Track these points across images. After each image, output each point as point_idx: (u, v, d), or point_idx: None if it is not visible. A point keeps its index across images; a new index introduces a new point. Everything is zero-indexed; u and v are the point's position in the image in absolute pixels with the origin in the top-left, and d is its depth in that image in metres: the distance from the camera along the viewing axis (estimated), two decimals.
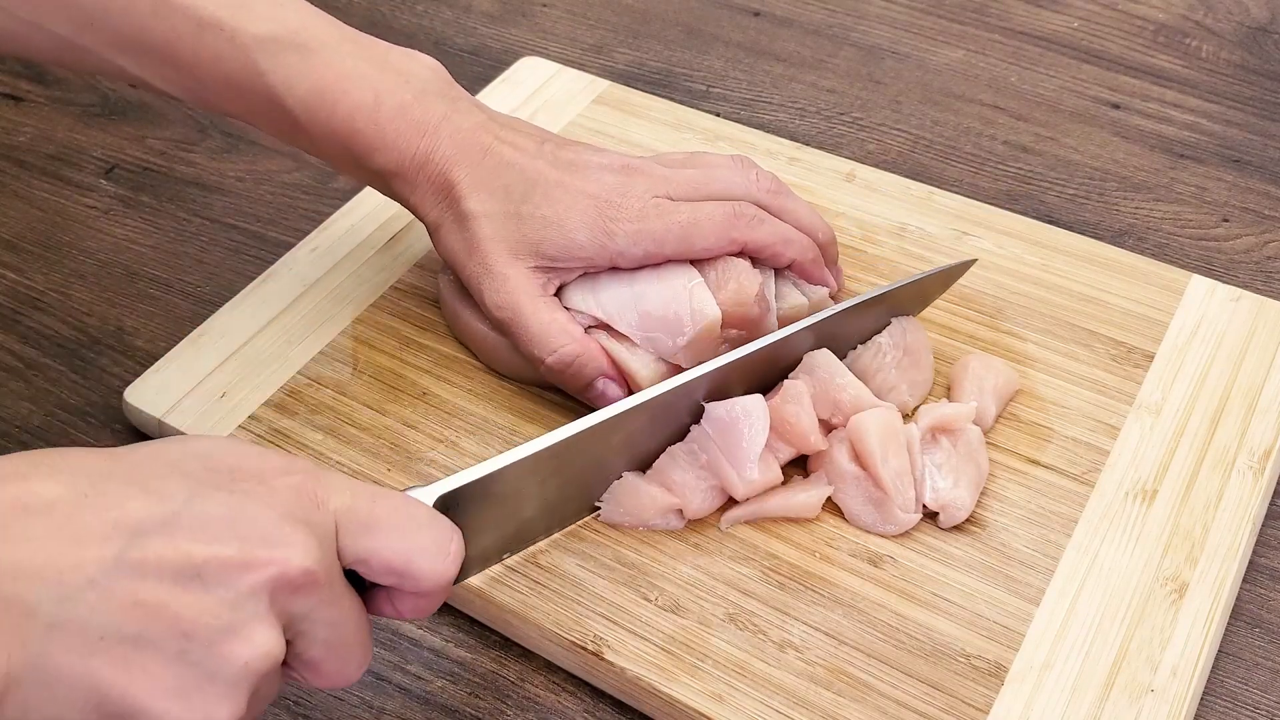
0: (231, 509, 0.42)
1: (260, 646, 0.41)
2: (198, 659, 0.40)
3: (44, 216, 0.81)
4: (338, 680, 0.46)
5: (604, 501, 0.60)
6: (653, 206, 0.62)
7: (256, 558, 0.41)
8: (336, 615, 0.44)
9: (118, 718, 0.39)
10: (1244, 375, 0.65)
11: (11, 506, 0.39)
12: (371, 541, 0.45)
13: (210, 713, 0.40)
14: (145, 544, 0.40)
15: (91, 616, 0.38)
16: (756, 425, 0.59)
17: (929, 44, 0.92)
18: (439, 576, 0.46)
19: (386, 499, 0.46)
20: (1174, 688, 0.54)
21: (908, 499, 0.59)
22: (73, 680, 0.38)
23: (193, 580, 0.40)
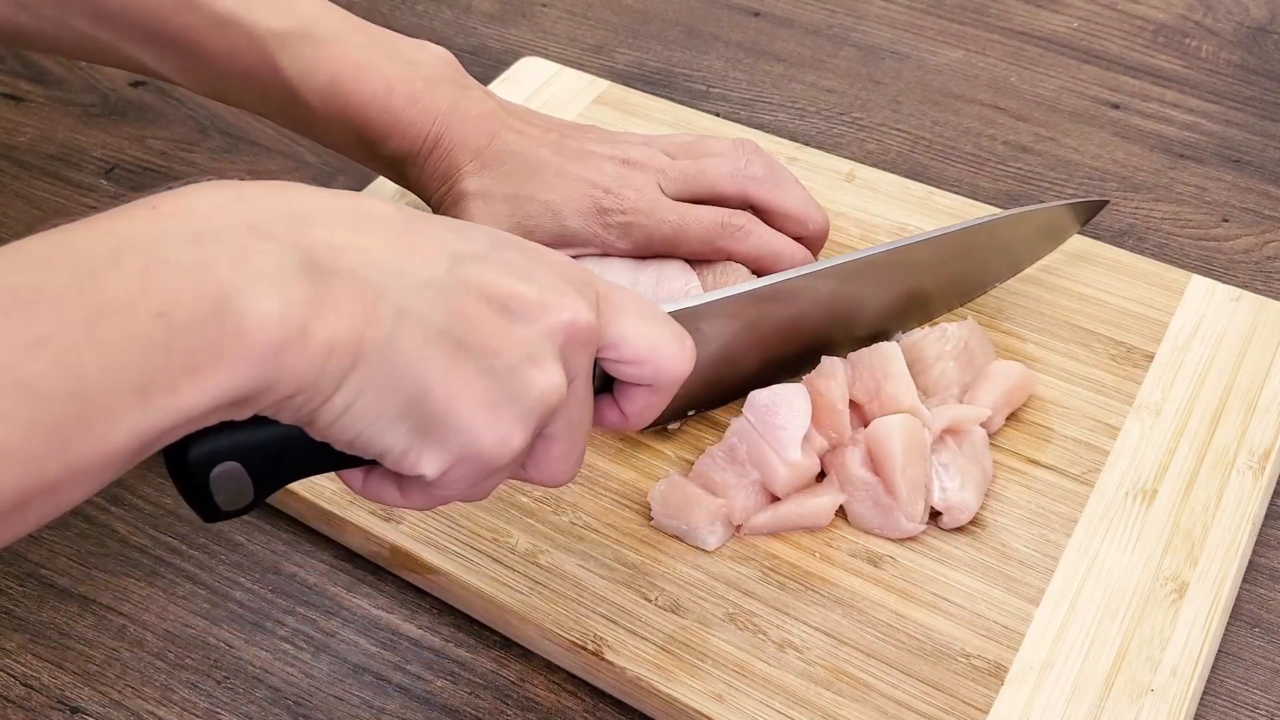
0: (529, 260, 0.45)
1: (552, 379, 0.43)
2: (503, 378, 0.42)
3: (44, 216, 0.81)
4: (560, 471, 0.48)
5: (654, 505, 0.60)
6: (647, 202, 0.63)
7: (553, 303, 0.44)
8: (584, 400, 0.47)
9: (433, 419, 0.42)
10: (1244, 375, 0.65)
11: (355, 211, 0.42)
12: (623, 327, 0.47)
13: (509, 432, 0.43)
14: (466, 267, 0.43)
15: (429, 311, 0.41)
16: (798, 410, 0.59)
17: (929, 44, 0.92)
18: (679, 367, 0.48)
19: (632, 294, 0.49)
20: (1174, 688, 0.54)
21: (916, 509, 0.59)
22: (409, 365, 0.41)
23: (502, 310, 0.43)
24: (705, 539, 0.59)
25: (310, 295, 0.38)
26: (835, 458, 0.60)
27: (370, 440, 0.42)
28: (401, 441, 0.42)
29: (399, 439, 0.42)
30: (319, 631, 0.60)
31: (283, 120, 0.66)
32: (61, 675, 0.59)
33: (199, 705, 0.57)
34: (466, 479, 0.44)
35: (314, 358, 0.39)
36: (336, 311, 0.39)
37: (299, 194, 0.41)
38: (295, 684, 0.58)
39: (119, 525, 0.64)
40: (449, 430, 0.42)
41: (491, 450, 0.43)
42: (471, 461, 0.43)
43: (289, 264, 0.38)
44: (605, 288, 0.47)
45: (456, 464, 0.43)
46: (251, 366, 0.37)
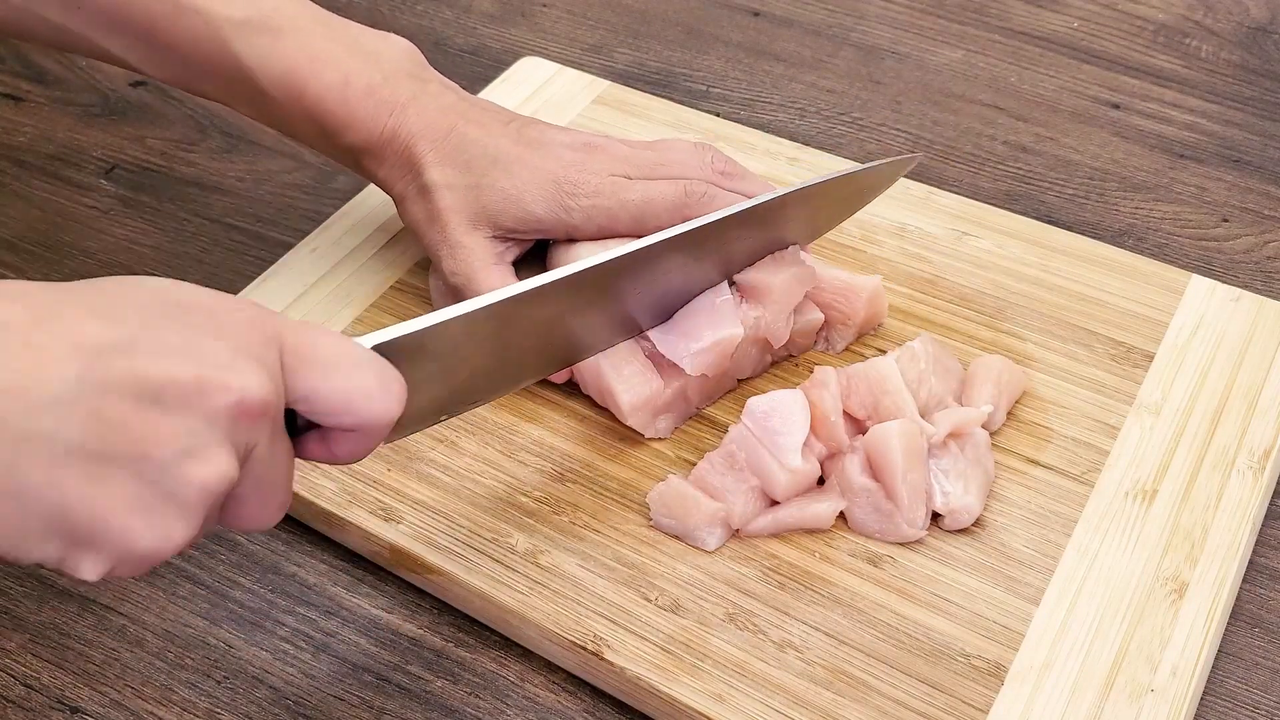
0: (187, 338, 0.42)
1: (217, 469, 0.41)
2: (157, 478, 0.40)
3: (44, 216, 0.81)
4: (258, 521, 0.46)
5: (653, 507, 0.60)
6: (609, 184, 0.64)
7: (214, 383, 0.41)
8: (274, 453, 0.44)
9: (81, 534, 0.40)
10: (1244, 375, 0.65)
11: None
12: (316, 379, 0.45)
13: (169, 531, 0.41)
14: (106, 364, 0.40)
15: (57, 430, 0.39)
16: (797, 416, 0.59)
17: (929, 44, 0.92)
18: (382, 415, 0.46)
19: (330, 337, 0.46)
20: (1174, 688, 0.54)
21: (917, 515, 0.59)
22: (40, 493, 0.39)
23: (152, 403, 0.40)
24: (705, 540, 0.59)
25: None
26: (835, 464, 0.60)
27: (21, 556, 0.41)
28: (54, 554, 0.41)
29: (50, 553, 0.41)
30: (319, 631, 0.60)
31: (249, 111, 0.66)
32: (61, 675, 0.59)
33: (199, 705, 0.57)
34: (135, 571, 0.42)
35: None
36: None
37: None
38: (295, 684, 0.58)
39: None
40: (100, 541, 0.41)
41: (151, 551, 0.41)
42: (134, 560, 0.41)
43: None
44: (296, 339, 0.45)
45: (119, 564, 0.41)
46: None
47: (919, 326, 0.68)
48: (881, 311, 0.68)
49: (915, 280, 0.71)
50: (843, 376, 0.61)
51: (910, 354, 0.62)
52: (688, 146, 0.67)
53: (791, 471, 0.59)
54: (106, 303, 0.42)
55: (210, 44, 0.63)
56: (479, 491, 0.62)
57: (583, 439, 0.64)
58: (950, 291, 0.70)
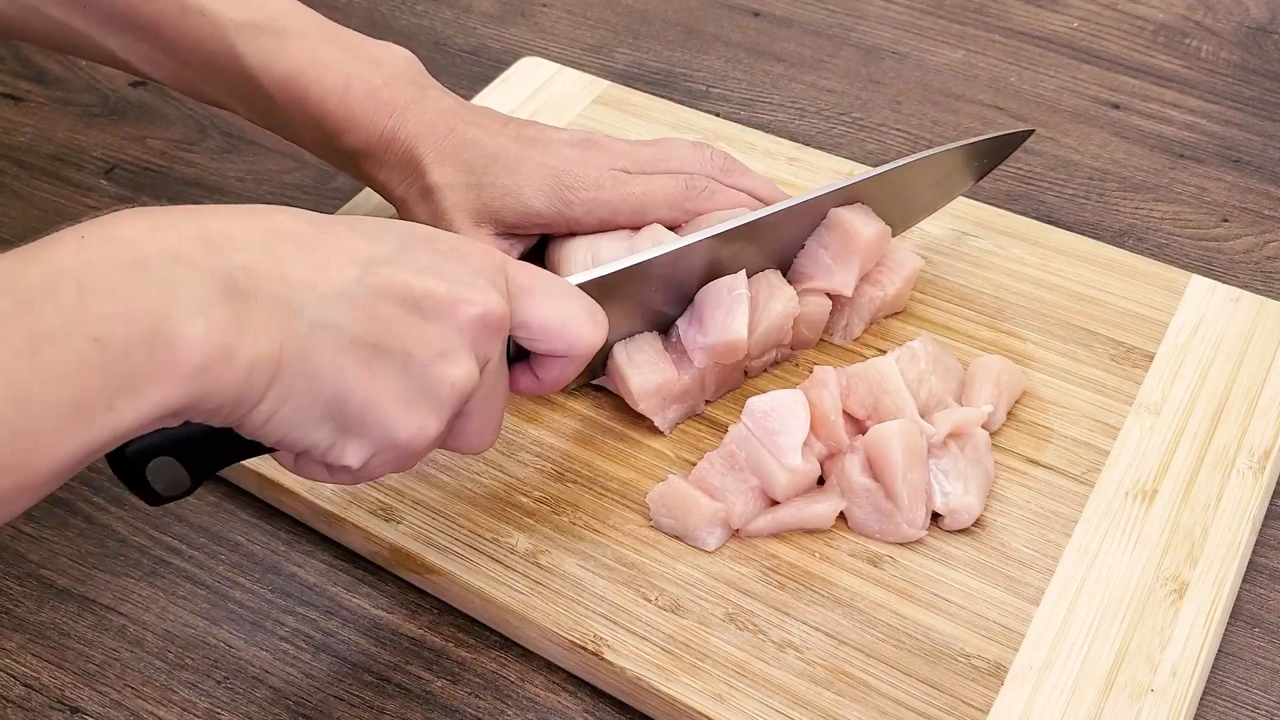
0: (437, 260, 0.48)
1: (464, 371, 0.47)
2: (416, 375, 0.46)
3: (44, 216, 0.81)
4: (477, 443, 0.52)
5: (653, 507, 0.60)
6: (609, 178, 0.64)
7: (463, 297, 0.47)
8: (497, 378, 0.51)
9: (353, 418, 0.45)
10: (1244, 375, 0.65)
11: (266, 231, 0.44)
12: (536, 306, 0.51)
13: (424, 423, 0.47)
14: (376, 272, 0.45)
15: (342, 321, 0.44)
16: (797, 416, 0.59)
17: (929, 44, 0.92)
18: (591, 338, 0.52)
19: (543, 273, 0.53)
20: (1174, 688, 0.54)
21: (917, 515, 0.59)
22: (327, 373, 0.44)
23: (414, 310, 0.46)
24: (705, 540, 0.59)
25: (231, 318, 0.41)
26: (835, 464, 0.60)
27: (296, 440, 0.45)
28: (325, 439, 0.46)
29: (323, 437, 0.46)
30: (319, 631, 0.60)
31: (248, 113, 0.67)
32: (61, 675, 0.59)
33: (199, 705, 0.57)
34: (389, 464, 0.48)
35: (237, 375, 0.42)
36: (255, 332, 0.42)
37: (214, 218, 0.44)
38: (295, 684, 0.58)
39: (119, 525, 0.64)
40: (368, 426, 0.46)
41: (409, 440, 0.47)
42: (391, 450, 0.47)
43: (210, 289, 0.41)
44: (517, 271, 0.51)
45: (378, 453, 0.47)
46: (181, 386, 0.40)
47: (919, 326, 0.68)
48: (906, 296, 0.69)
49: (915, 280, 0.71)
50: (843, 376, 0.61)
51: (910, 354, 0.62)
52: (687, 144, 0.67)
53: (791, 471, 0.59)
54: (370, 228, 0.48)
55: (214, 45, 0.63)
56: (479, 491, 0.62)
57: (583, 439, 0.64)
58: (950, 291, 0.70)
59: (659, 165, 0.66)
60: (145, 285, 0.40)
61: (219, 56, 0.64)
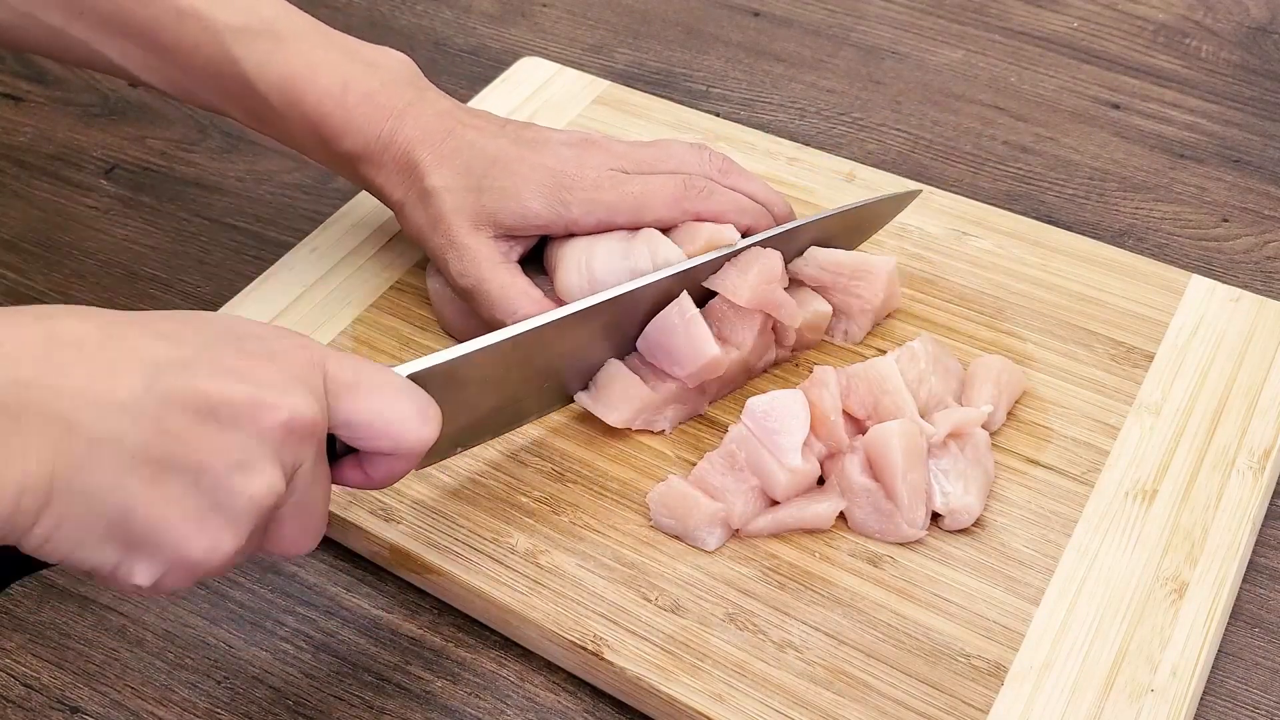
0: (241, 361, 0.45)
1: (267, 483, 0.44)
2: (210, 489, 0.43)
3: (44, 216, 0.81)
4: (296, 544, 0.48)
5: (653, 507, 0.60)
6: (607, 178, 0.64)
7: (266, 402, 0.44)
8: (316, 475, 0.47)
9: (139, 538, 0.43)
10: (1244, 375, 0.65)
11: (45, 339, 0.42)
12: (358, 404, 0.48)
13: (219, 540, 0.44)
14: (168, 379, 0.43)
15: (125, 435, 0.41)
16: (797, 416, 0.59)
17: (929, 44, 0.92)
18: (420, 439, 0.49)
19: (370, 366, 0.49)
20: (1174, 688, 0.54)
21: (917, 515, 0.59)
22: (106, 494, 0.41)
23: (209, 418, 0.43)
24: (705, 540, 0.59)
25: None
26: (835, 464, 0.60)
27: (79, 560, 0.43)
28: (110, 558, 0.43)
29: (107, 557, 0.43)
30: (319, 631, 0.60)
31: (245, 118, 0.67)
32: (61, 675, 0.59)
33: (199, 705, 0.57)
34: (184, 581, 0.45)
35: (3, 501, 0.39)
36: (24, 454, 0.40)
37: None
38: (295, 684, 0.58)
39: None
40: (157, 545, 0.43)
41: (202, 558, 0.44)
42: (184, 567, 0.44)
43: None
44: (337, 368, 0.48)
45: (170, 571, 0.44)
46: None
47: (919, 326, 0.68)
48: (897, 295, 0.68)
49: (915, 280, 0.71)
50: (842, 376, 0.61)
51: (910, 354, 0.62)
52: (685, 145, 0.67)
53: (791, 471, 0.59)
54: (169, 328, 0.45)
55: (210, 49, 0.63)
56: (479, 491, 0.62)
57: (583, 439, 0.64)
58: (950, 291, 0.70)
59: (658, 166, 0.66)
60: None
61: (215, 61, 0.64)
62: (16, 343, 0.41)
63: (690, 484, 0.60)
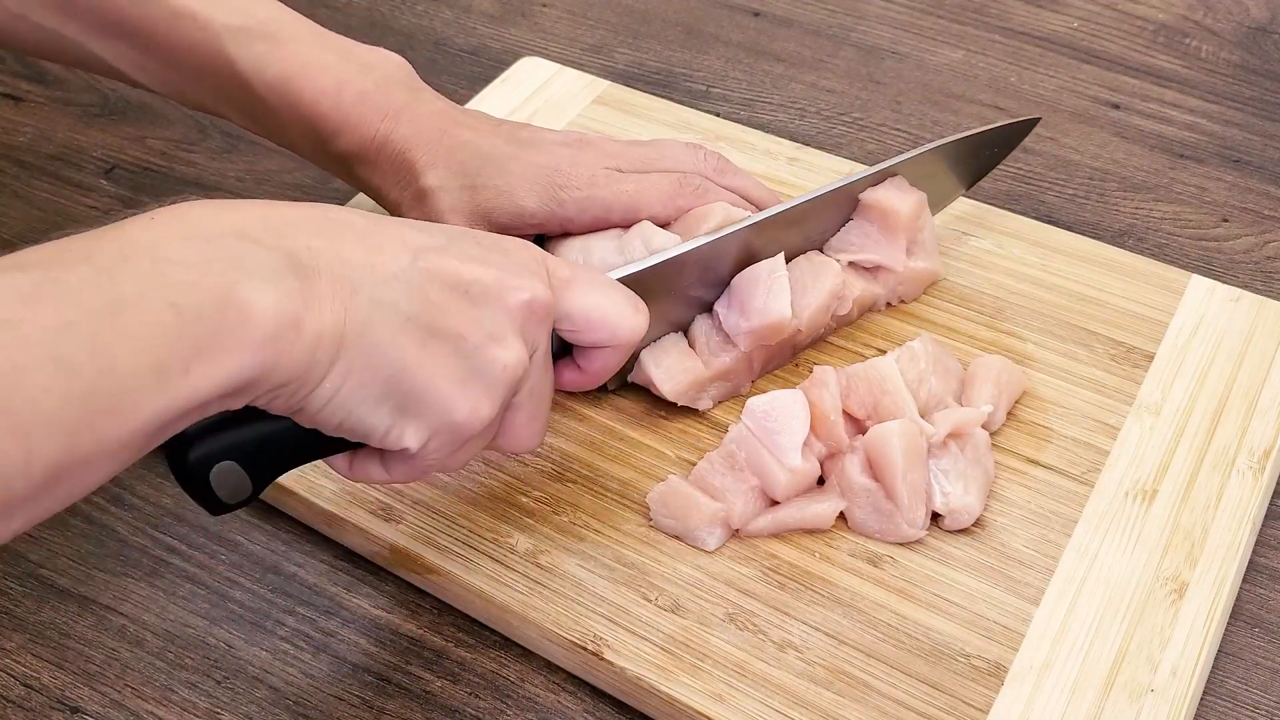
0: (483, 250, 0.50)
1: (514, 354, 0.49)
2: (469, 356, 0.48)
3: (44, 216, 0.81)
4: (526, 438, 0.53)
5: (653, 507, 0.60)
6: (602, 176, 0.64)
7: (510, 284, 0.49)
8: (544, 369, 0.52)
9: (410, 398, 0.47)
10: (1244, 375, 0.65)
11: (324, 219, 0.46)
12: (578, 297, 0.52)
13: (478, 403, 0.48)
14: (427, 259, 0.47)
15: (398, 301, 0.46)
16: (797, 416, 0.59)
17: (929, 44, 0.92)
18: (634, 326, 0.54)
19: (581, 267, 0.54)
20: (1174, 688, 0.54)
21: (917, 515, 0.59)
22: (386, 350, 0.46)
23: (464, 295, 0.48)
24: (705, 540, 0.59)
25: (298, 290, 0.43)
26: (835, 464, 0.60)
27: (356, 423, 0.47)
28: (384, 420, 0.47)
29: (381, 419, 0.47)
30: (319, 631, 0.60)
31: (240, 118, 0.67)
32: (61, 675, 0.59)
33: (199, 705, 0.57)
34: (444, 448, 0.49)
35: (305, 346, 0.43)
36: (321, 305, 0.44)
37: (276, 207, 0.46)
38: (295, 684, 0.58)
39: (119, 525, 0.64)
40: (426, 406, 0.47)
41: (465, 421, 0.48)
42: (448, 432, 0.48)
43: (278, 263, 0.43)
44: (558, 265, 0.52)
45: (434, 435, 0.48)
46: (253, 353, 0.42)
47: (919, 326, 0.68)
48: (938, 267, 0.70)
49: None
50: (843, 376, 0.61)
51: (910, 354, 0.62)
52: (680, 144, 0.68)
53: (791, 471, 0.59)
54: (417, 224, 0.50)
55: (205, 49, 0.64)
56: (479, 491, 0.62)
57: (583, 439, 0.64)
58: (950, 291, 0.70)
59: (653, 164, 0.66)
60: (216, 258, 0.42)
61: (211, 61, 0.64)
62: (302, 219, 0.46)
63: (690, 484, 0.60)
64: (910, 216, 0.66)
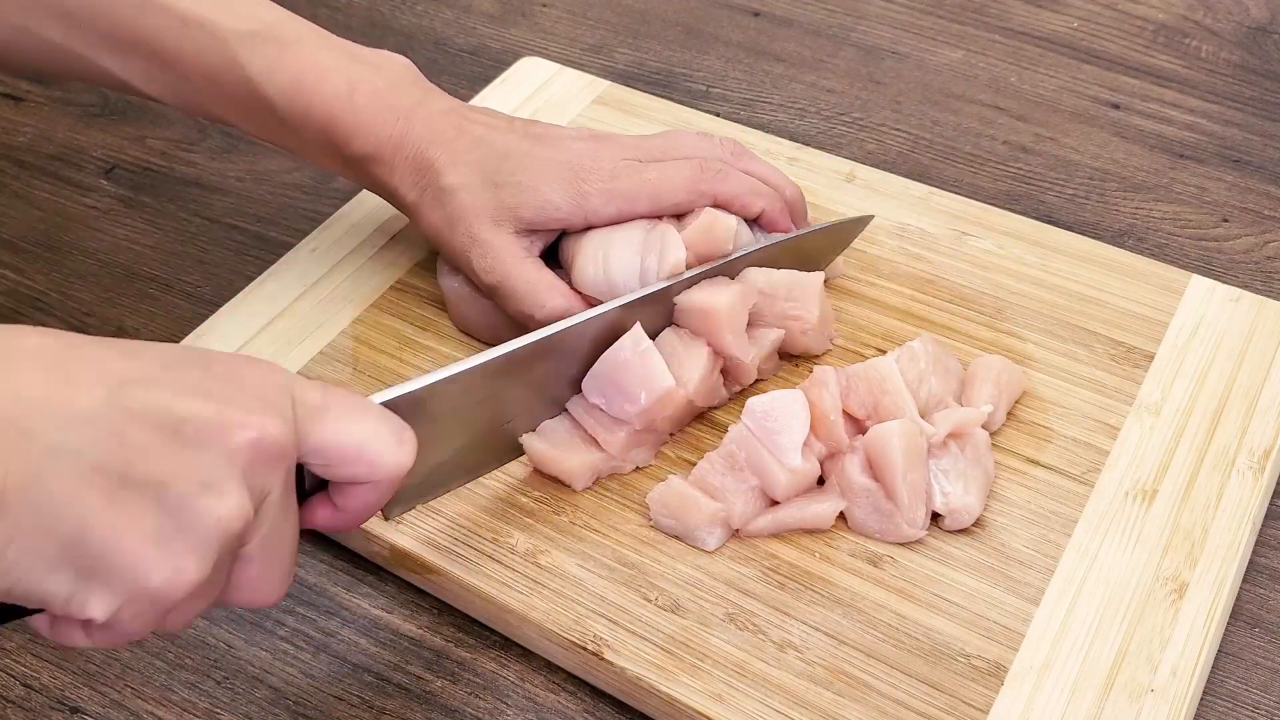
0: (207, 380, 0.43)
1: (232, 504, 0.41)
2: (173, 509, 0.40)
3: (44, 216, 0.81)
4: (262, 595, 0.45)
5: (653, 507, 0.60)
6: (623, 167, 0.64)
7: (235, 421, 0.42)
8: (281, 515, 0.44)
9: (94, 561, 0.40)
10: (1244, 375, 0.65)
11: (3, 349, 0.40)
12: (329, 428, 0.45)
13: (181, 565, 0.40)
14: (131, 393, 0.40)
15: (84, 446, 0.39)
16: (798, 416, 0.59)
17: (929, 44, 0.92)
18: (397, 460, 0.47)
19: (338, 391, 0.46)
20: (1174, 688, 0.54)
21: (917, 515, 0.59)
22: (62, 506, 0.39)
23: (174, 435, 0.41)
24: (705, 540, 0.59)
25: None
26: (835, 464, 0.60)
27: (28, 587, 0.40)
28: (64, 587, 0.40)
29: (60, 585, 0.40)
30: (319, 631, 0.60)
31: (250, 126, 0.66)
32: (61, 675, 0.59)
33: (199, 705, 0.57)
34: (143, 617, 0.41)
35: None
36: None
37: None
38: (295, 684, 0.58)
39: None
40: (113, 570, 0.40)
41: (164, 585, 0.40)
42: (144, 599, 0.41)
43: None
44: (307, 391, 0.45)
45: (127, 603, 0.41)
46: None
47: (919, 326, 0.68)
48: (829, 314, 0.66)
49: (915, 280, 0.71)
50: (842, 376, 0.61)
51: (910, 354, 0.62)
52: (693, 134, 0.68)
53: (791, 471, 0.59)
54: (130, 347, 0.43)
55: (215, 57, 0.63)
56: (479, 491, 0.62)
57: None
58: (950, 291, 0.70)
59: (670, 154, 0.66)
60: None
61: (220, 68, 0.63)
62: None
63: (690, 484, 0.60)
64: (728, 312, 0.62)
